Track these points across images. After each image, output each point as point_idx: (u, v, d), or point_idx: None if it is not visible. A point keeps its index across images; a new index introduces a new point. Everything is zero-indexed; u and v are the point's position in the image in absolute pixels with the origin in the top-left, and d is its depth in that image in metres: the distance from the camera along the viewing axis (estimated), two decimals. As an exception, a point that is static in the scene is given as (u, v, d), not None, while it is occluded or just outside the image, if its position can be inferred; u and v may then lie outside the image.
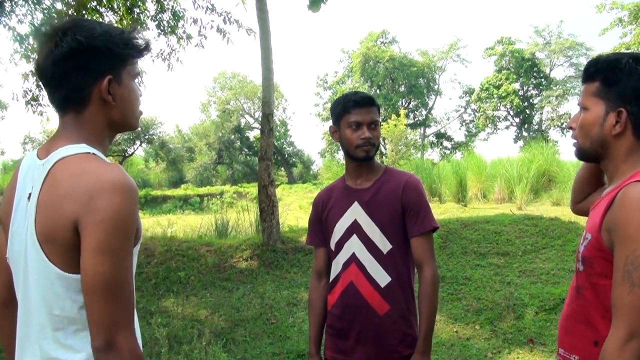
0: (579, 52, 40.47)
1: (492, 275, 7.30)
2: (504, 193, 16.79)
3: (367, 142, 2.40)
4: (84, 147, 1.42)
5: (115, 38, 1.46)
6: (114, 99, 1.47)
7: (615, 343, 1.48)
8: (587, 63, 1.78)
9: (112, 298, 1.31)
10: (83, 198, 1.31)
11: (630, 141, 1.67)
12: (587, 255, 1.67)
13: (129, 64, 1.51)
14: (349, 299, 2.44)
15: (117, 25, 9.45)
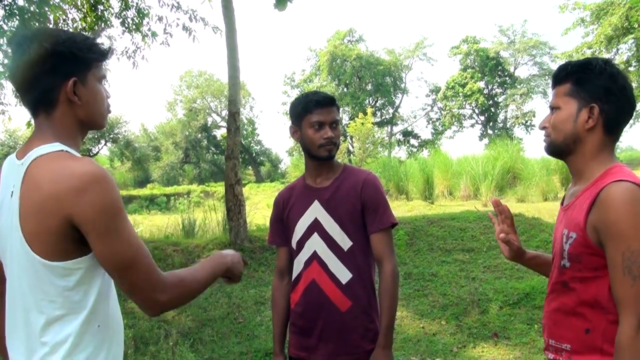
0: (543, 51, 41.17)
1: (458, 271, 7.40)
2: (469, 190, 17.02)
3: (329, 142, 2.42)
4: (57, 146, 1.54)
5: (79, 43, 1.59)
6: (80, 99, 1.59)
7: (628, 332, 1.59)
8: (557, 68, 1.90)
9: (137, 267, 1.51)
10: (71, 195, 1.44)
11: (600, 137, 1.79)
12: (573, 253, 1.76)
13: (93, 67, 1.63)
14: (312, 296, 2.46)
15: (80, 22, 9.37)
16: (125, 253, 1.49)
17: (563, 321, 1.81)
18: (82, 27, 9.44)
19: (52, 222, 1.46)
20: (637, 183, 1.65)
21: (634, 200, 1.61)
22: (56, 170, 1.47)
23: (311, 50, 45.86)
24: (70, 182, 1.44)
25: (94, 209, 1.45)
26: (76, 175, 1.45)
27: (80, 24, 9.46)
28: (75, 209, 1.44)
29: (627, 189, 1.63)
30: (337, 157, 2.61)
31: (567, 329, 1.79)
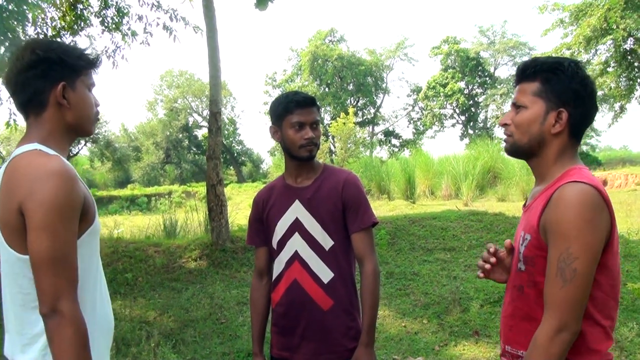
0: (522, 51, 41.52)
1: (439, 270, 7.44)
2: (450, 190, 17.14)
3: (310, 142, 2.42)
4: (33, 145, 1.65)
5: (69, 51, 1.73)
6: (69, 103, 1.72)
7: (546, 334, 1.58)
8: (524, 63, 1.83)
9: (54, 270, 1.52)
10: (25, 185, 1.54)
11: (564, 141, 1.76)
12: (528, 255, 1.73)
13: (82, 74, 1.76)
14: (293, 296, 2.47)
15: (59, 21, 9.28)
16: (47, 254, 1.52)
17: (518, 327, 1.78)
18: (61, 26, 9.37)
19: (12, 214, 1.57)
20: (593, 185, 1.62)
21: (583, 203, 1.58)
22: (22, 166, 1.59)
23: (292, 50, 45.87)
24: (30, 174, 1.55)
25: (36, 201, 1.52)
26: (38, 169, 1.55)
27: (60, 23, 9.38)
28: (25, 199, 1.54)
29: (579, 190, 1.61)
30: (318, 157, 2.61)
31: (523, 335, 1.75)
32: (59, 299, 1.52)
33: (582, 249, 1.56)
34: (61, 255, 1.53)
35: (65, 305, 1.52)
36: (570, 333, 1.57)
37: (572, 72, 1.74)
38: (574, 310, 1.57)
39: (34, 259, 1.53)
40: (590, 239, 1.57)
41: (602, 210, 1.60)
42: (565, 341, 1.57)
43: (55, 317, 1.51)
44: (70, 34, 9.50)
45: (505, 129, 1.86)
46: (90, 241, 1.73)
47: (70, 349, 1.52)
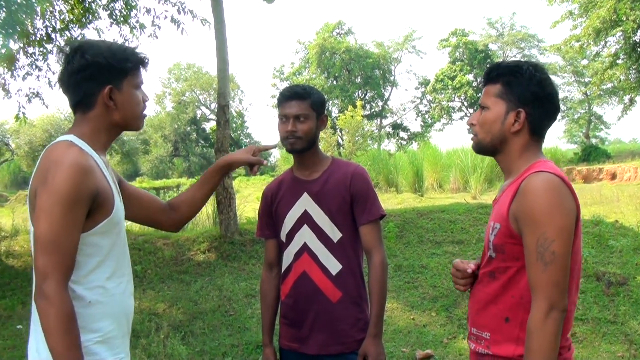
0: (531, 44, 41.24)
1: (448, 264, 7.42)
2: (459, 183, 17.09)
3: (290, 135, 2.44)
4: (68, 137, 1.77)
5: (117, 54, 1.83)
6: (116, 104, 1.83)
7: (538, 316, 1.66)
8: (489, 68, 1.97)
9: (45, 251, 1.62)
10: (43, 172, 1.67)
11: (526, 139, 1.88)
12: (498, 243, 1.83)
13: (130, 75, 1.86)
14: (303, 288, 2.49)
15: (68, 14, 9.29)
16: (43, 236, 1.62)
17: (485, 310, 1.88)
18: (70, 19, 9.38)
19: (32, 196, 1.71)
20: (557, 174, 1.73)
21: (550, 190, 1.69)
22: (47, 155, 1.71)
23: (300, 43, 45.76)
24: (48, 163, 1.68)
25: (46, 187, 1.64)
26: (54, 159, 1.68)
27: (68, 16, 9.40)
28: (39, 184, 1.67)
29: (546, 178, 1.71)
30: (327, 151, 2.61)
31: (489, 318, 1.86)
32: (46, 279, 1.60)
33: (556, 232, 1.66)
34: (55, 239, 1.61)
35: (50, 286, 1.59)
36: (559, 311, 1.66)
37: (531, 75, 1.86)
38: (559, 289, 1.66)
39: (34, 239, 1.65)
40: (563, 222, 1.67)
41: (567, 196, 1.71)
42: (557, 319, 1.65)
43: (41, 297, 1.60)
44: (78, 27, 9.51)
45: (471, 129, 1.98)
46: (110, 231, 1.80)
47: (54, 329, 1.59)
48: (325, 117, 2.57)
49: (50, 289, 1.59)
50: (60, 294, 1.61)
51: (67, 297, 1.63)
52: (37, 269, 1.62)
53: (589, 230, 8.02)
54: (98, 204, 1.73)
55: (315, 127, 2.48)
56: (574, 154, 27.39)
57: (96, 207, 1.73)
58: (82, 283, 1.73)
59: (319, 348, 2.47)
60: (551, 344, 1.64)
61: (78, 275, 1.71)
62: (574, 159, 25.51)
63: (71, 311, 1.62)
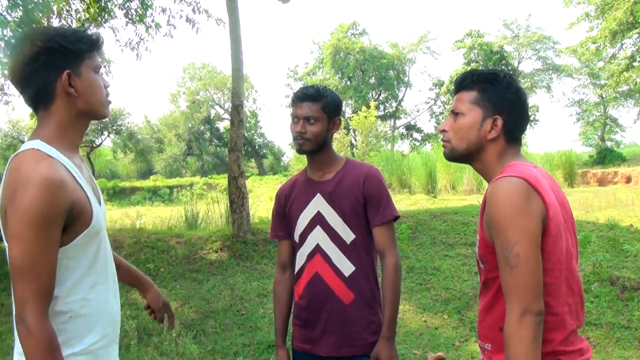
0: (547, 45, 41.00)
1: (460, 265, 7.40)
2: (472, 184, 17.03)
3: (299, 136, 2.45)
4: (33, 143, 1.62)
5: (68, 37, 1.67)
6: (76, 90, 1.67)
7: (511, 320, 1.63)
8: (463, 75, 1.96)
9: (22, 279, 1.51)
10: (11, 190, 1.54)
11: (502, 145, 1.87)
12: (481, 254, 1.83)
13: (86, 58, 1.70)
14: (315, 289, 2.48)
15: (84, 13, 9.36)
16: (18, 263, 1.51)
17: (485, 320, 1.86)
18: (86, 17, 9.45)
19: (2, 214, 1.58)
20: (519, 176, 1.69)
21: (509, 193, 1.67)
22: (14, 168, 1.57)
23: (314, 43, 45.78)
24: (16, 179, 1.53)
25: (14, 209, 1.51)
26: (23, 175, 1.53)
27: (84, 15, 9.47)
28: (7, 204, 1.54)
29: (504, 183, 1.70)
30: (340, 151, 2.61)
31: (487, 328, 1.85)
32: (24, 308, 1.51)
33: (518, 233, 1.63)
34: (30, 266, 1.51)
35: (29, 315, 1.50)
36: (533, 314, 1.61)
37: (507, 83, 1.87)
38: (529, 291, 1.62)
39: (9, 266, 1.55)
40: (524, 223, 1.64)
41: (530, 197, 1.67)
42: (531, 322, 1.61)
43: (20, 325, 1.51)
44: (94, 25, 9.58)
45: (443, 135, 1.97)
46: (89, 241, 1.69)
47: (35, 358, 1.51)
48: (339, 119, 2.55)
49: (29, 318, 1.50)
50: (40, 323, 1.51)
51: (48, 326, 1.54)
52: (15, 296, 1.53)
53: (603, 234, 7.96)
54: (74, 216, 1.61)
55: (325, 129, 2.47)
56: (589, 156, 27.22)
57: (72, 219, 1.61)
58: (62, 298, 1.63)
59: (331, 350, 2.46)
60: (527, 348, 1.59)
61: (59, 291, 1.61)
62: (588, 161, 25.34)
63: (52, 340, 1.53)
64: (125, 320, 5.19)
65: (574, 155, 23.69)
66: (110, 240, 1.91)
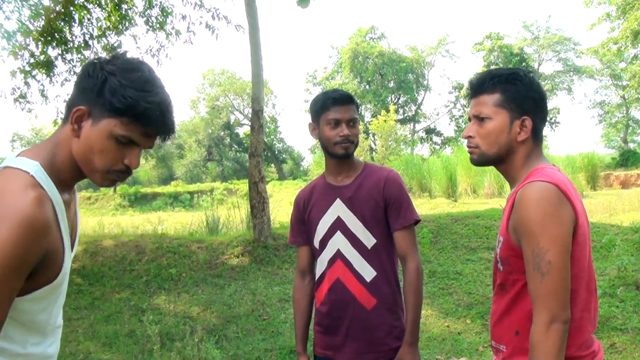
0: (567, 47, 40.66)
1: (483, 270, 7.33)
2: (493, 188, 16.89)
3: (345, 140, 2.41)
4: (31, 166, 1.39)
5: (125, 85, 1.40)
6: (79, 134, 1.43)
7: (539, 328, 1.62)
8: (481, 76, 1.90)
9: None
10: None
11: (530, 146, 1.84)
12: (503, 256, 1.80)
13: (115, 117, 1.41)
14: (337, 295, 2.46)
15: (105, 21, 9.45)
16: None
17: (500, 322, 1.84)
18: (107, 25, 9.56)
19: None
20: (551, 181, 1.67)
21: (542, 199, 1.65)
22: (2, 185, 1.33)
23: (333, 48, 45.88)
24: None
25: None
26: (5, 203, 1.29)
27: (105, 23, 9.58)
28: None
29: (537, 188, 1.67)
30: (359, 155, 2.60)
31: (503, 330, 1.82)
32: None
33: (550, 241, 1.62)
34: None
35: None
36: (561, 322, 1.61)
37: (530, 81, 1.84)
38: (559, 299, 1.62)
39: None
40: (556, 231, 1.63)
41: (562, 204, 1.66)
42: (559, 331, 1.61)
43: None
44: (115, 33, 9.69)
45: (469, 141, 1.91)
46: (48, 296, 1.47)
47: None
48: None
49: None
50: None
51: None
52: None
53: (628, 237, 7.84)
54: (42, 266, 1.37)
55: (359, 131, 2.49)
56: (612, 158, 26.89)
57: (39, 269, 1.37)
58: (7, 351, 1.41)
59: (354, 356, 2.44)
60: (554, 356, 1.60)
61: (4, 344, 1.39)
62: (611, 163, 25.03)
63: None
64: (148, 325, 5.23)
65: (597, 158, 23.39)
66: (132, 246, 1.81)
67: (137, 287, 7.57)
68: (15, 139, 35.50)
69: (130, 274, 7.96)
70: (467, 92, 1.96)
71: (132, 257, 8.38)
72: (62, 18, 8.88)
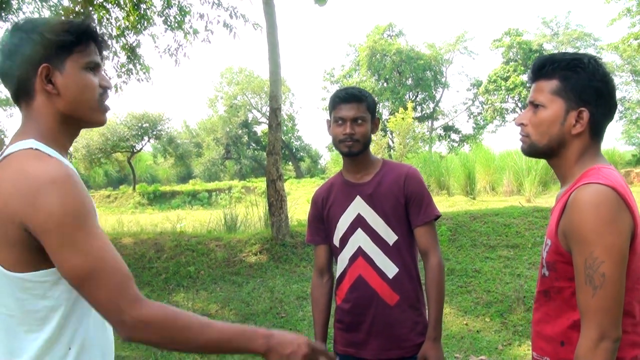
0: (587, 42, 40.17)
1: (502, 268, 7.28)
2: (512, 185, 16.77)
3: (348, 138, 2.42)
4: (29, 143, 1.40)
5: (54, 27, 1.45)
6: (57, 88, 1.44)
7: (587, 344, 1.51)
8: (541, 60, 1.75)
9: (98, 284, 1.30)
10: (27, 198, 1.29)
11: (586, 141, 1.69)
12: (550, 261, 1.68)
13: (75, 52, 1.46)
14: (359, 292, 2.46)
15: (124, 20, 9.53)
16: (81, 267, 1.29)
17: (544, 332, 1.73)
18: (125, 25, 9.63)
19: (8, 230, 1.31)
20: (609, 185, 1.53)
21: (598, 204, 1.51)
22: (16, 172, 1.33)
23: (351, 46, 45.78)
24: (31, 185, 1.29)
25: (47, 217, 1.28)
26: (32, 178, 1.30)
27: (124, 23, 9.65)
28: (28, 216, 1.29)
29: (594, 191, 1.53)
30: (377, 153, 2.59)
31: (546, 341, 1.71)
32: (121, 312, 1.31)
33: (606, 252, 1.49)
34: (97, 265, 1.30)
35: (128, 316, 1.31)
36: (611, 341, 1.49)
37: (593, 69, 1.65)
38: (611, 316, 1.50)
39: (72, 281, 1.32)
40: (613, 240, 1.49)
41: (621, 210, 1.52)
42: (608, 350, 1.49)
43: (126, 330, 1.32)
44: (134, 33, 9.76)
45: (521, 129, 1.79)
46: None
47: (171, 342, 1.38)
48: (377, 119, 2.56)
49: (131, 317, 1.31)
50: (143, 312, 1.33)
51: (163, 309, 1.36)
52: (103, 306, 1.31)
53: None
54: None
55: (370, 129, 2.48)
56: (632, 155, 26.55)
57: None
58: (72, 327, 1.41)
59: (377, 352, 2.45)
60: None
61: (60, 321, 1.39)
62: (631, 160, 24.73)
63: (163, 314, 1.35)
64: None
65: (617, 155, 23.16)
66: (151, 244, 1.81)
67: (156, 285, 7.63)
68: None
69: (150, 271, 8.01)
70: (529, 75, 1.80)
71: (151, 254, 8.44)
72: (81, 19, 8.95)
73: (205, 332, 1.37)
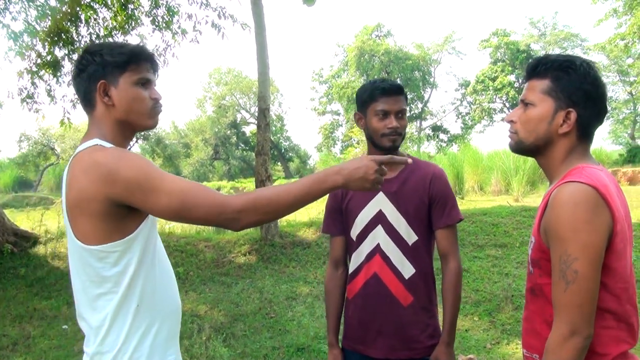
0: (574, 43, 40.42)
1: (490, 267, 7.32)
2: (500, 185, 16.82)
3: (394, 132, 2.35)
4: (93, 141, 1.71)
5: (113, 50, 1.78)
6: (112, 101, 1.76)
7: (557, 339, 1.54)
8: (536, 60, 1.79)
9: (191, 209, 1.61)
10: (105, 176, 1.59)
11: (572, 141, 1.72)
12: (534, 258, 1.70)
13: (128, 70, 1.77)
14: (373, 289, 2.40)
15: (111, 21, 9.48)
16: (168, 204, 1.59)
17: (532, 330, 1.74)
18: (113, 25, 9.58)
19: (91, 205, 1.62)
20: (590, 184, 1.55)
21: (576, 203, 1.54)
22: (88, 162, 1.64)
23: (339, 46, 45.77)
24: (99, 169, 1.60)
25: (126, 184, 1.58)
26: (102, 162, 1.61)
27: (111, 23, 9.60)
28: (111, 189, 1.59)
29: (574, 190, 1.56)
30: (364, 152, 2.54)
31: (535, 338, 1.72)
32: (221, 214, 1.63)
33: (580, 249, 1.52)
34: (181, 196, 1.60)
35: (231, 208, 1.63)
36: (582, 337, 1.52)
37: (585, 72, 1.69)
38: (582, 312, 1.52)
39: (172, 217, 1.65)
40: (588, 239, 1.52)
41: (599, 209, 1.54)
42: (577, 346, 1.52)
43: (234, 218, 1.64)
44: (121, 33, 9.71)
45: (510, 126, 1.82)
46: (150, 230, 1.80)
47: None
48: None
49: (236, 218, 1.64)
50: None
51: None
52: (206, 221, 1.68)
53: (636, 234, 7.79)
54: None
55: None
56: (619, 155, 26.76)
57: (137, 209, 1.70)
58: (139, 288, 1.74)
59: (386, 352, 2.39)
60: None
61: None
62: (618, 160, 24.91)
63: None
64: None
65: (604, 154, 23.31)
66: None
67: (145, 286, 7.61)
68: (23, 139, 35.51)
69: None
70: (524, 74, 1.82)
71: (140, 256, 8.41)
72: (68, 18, 8.89)
73: (289, 196, 1.65)
